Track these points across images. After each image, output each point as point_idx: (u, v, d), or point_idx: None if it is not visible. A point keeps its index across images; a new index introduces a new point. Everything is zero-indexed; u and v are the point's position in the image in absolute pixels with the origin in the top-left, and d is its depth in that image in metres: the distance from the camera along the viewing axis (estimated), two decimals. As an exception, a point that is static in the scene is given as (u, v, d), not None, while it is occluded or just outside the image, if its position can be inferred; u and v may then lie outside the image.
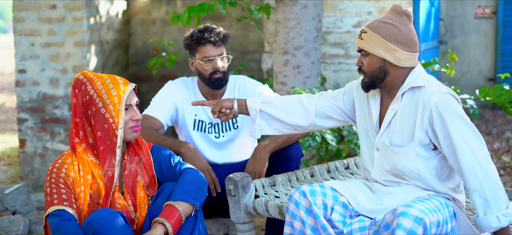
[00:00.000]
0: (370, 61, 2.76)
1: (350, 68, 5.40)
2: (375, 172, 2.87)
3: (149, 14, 7.48)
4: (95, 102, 2.76)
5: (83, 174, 2.78)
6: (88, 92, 2.78)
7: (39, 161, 5.71)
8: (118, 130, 2.76)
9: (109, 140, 2.77)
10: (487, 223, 2.58)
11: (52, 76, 5.63)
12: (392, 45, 2.71)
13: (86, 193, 2.78)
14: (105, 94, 2.77)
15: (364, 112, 2.94)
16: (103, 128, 2.76)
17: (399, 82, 2.77)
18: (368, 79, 2.79)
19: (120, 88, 2.79)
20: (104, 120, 2.76)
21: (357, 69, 2.85)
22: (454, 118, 2.64)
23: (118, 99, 2.77)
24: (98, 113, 2.76)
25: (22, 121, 5.74)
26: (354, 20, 5.37)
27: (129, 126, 2.83)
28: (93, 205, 2.80)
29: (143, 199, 2.91)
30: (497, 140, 6.92)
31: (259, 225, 4.44)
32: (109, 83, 2.79)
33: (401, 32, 2.72)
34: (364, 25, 2.81)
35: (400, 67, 2.75)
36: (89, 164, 2.80)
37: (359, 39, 2.79)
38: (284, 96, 3.13)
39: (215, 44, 3.66)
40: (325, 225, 2.70)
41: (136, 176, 2.90)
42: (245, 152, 3.83)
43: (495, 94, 4.39)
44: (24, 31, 5.63)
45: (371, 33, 2.74)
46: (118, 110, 2.76)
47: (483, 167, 2.59)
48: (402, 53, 2.72)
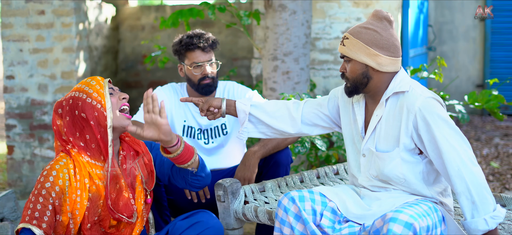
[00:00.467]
0: (352, 67, 2.77)
1: (339, 74, 5.42)
2: (362, 178, 2.87)
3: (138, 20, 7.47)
4: (80, 97, 2.76)
5: (80, 178, 2.74)
6: (71, 97, 2.78)
7: (27, 168, 5.68)
8: (106, 111, 2.75)
9: (102, 126, 2.75)
10: (475, 226, 2.58)
11: (40, 82, 5.60)
12: (373, 51, 2.72)
13: (82, 198, 2.73)
14: (86, 86, 2.79)
15: (349, 119, 2.94)
16: (94, 116, 2.74)
17: (383, 87, 2.78)
18: (351, 85, 2.79)
19: (98, 79, 2.82)
20: (92, 108, 2.75)
21: (340, 75, 2.85)
22: (438, 122, 2.64)
23: (99, 86, 2.78)
24: (84, 104, 2.75)
25: (10, 127, 5.71)
26: (343, 26, 5.38)
27: (118, 105, 2.81)
28: (93, 208, 2.76)
29: (140, 194, 2.88)
30: (486, 146, 6.94)
31: (249, 231, 4.43)
32: (86, 79, 2.84)
33: (382, 37, 2.73)
34: (346, 32, 2.82)
35: (383, 72, 2.75)
36: (85, 166, 2.76)
37: (342, 46, 2.80)
38: (273, 101, 3.13)
39: (204, 50, 3.66)
40: (315, 230, 2.69)
41: (135, 171, 2.88)
42: (235, 157, 3.83)
43: (484, 100, 4.42)
44: (13, 37, 5.60)
45: (353, 39, 2.74)
46: (102, 94, 2.76)
47: (469, 170, 2.59)
48: (384, 58, 2.73)
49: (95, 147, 2.77)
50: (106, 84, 2.81)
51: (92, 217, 2.76)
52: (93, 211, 2.77)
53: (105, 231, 2.81)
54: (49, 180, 2.70)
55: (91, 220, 2.76)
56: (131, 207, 2.82)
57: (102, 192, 2.78)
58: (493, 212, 2.58)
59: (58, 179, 2.70)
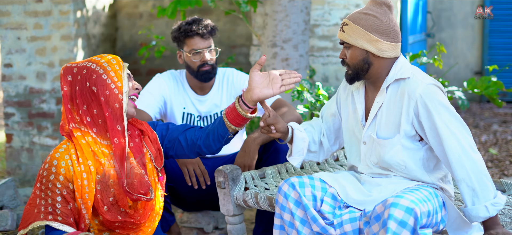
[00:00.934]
0: (353, 53, 2.76)
1: (338, 61, 5.41)
2: (362, 166, 2.87)
3: (136, 8, 7.44)
4: (95, 70, 2.70)
5: (83, 161, 2.68)
6: (85, 67, 2.71)
7: (26, 156, 5.68)
8: (122, 94, 2.71)
9: (112, 106, 2.70)
10: (476, 213, 2.59)
11: (38, 70, 5.59)
12: (374, 36, 2.71)
13: (90, 181, 2.67)
14: (105, 62, 2.72)
15: (349, 110, 2.94)
16: (105, 94, 2.69)
17: (383, 73, 2.78)
18: (351, 71, 2.79)
19: (118, 59, 2.77)
20: (105, 86, 2.69)
21: (340, 61, 2.85)
22: (439, 108, 2.64)
23: (119, 67, 2.73)
24: (99, 78, 2.69)
25: (8, 116, 5.69)
26: (342, 12, 5.37)
27: (130, 93, 2.78)
28: (105, 190, 2.70)
29: (151, 172, 2.85)
30: (485, 133, 6.95)
31: (249, 218, 4.44)
32: (107, 55, 2.76)
33: (382, 22, 2.73)
34: (345, 18, 2.81)
35: (384, 58, 2.75)
36: (87, 149, 2.70)
37: (341, 32, 2.79)
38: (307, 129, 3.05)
39: (203, 37, 3.65)
40: (315, 216, 2.69)
41: (142, 148, 2.84)
42: (234, 144, 3.82)
43: (483, 86, 4.41)
44: (10, 25, 5.58)
45: (353, 25, 2.73)
46: (120, 76, 2.72)
47: (470, 157, 2.59)
48: (385, 44, 2.72)
49: (101, 123, 2.72)
50: (125, 68, 2.76)
51: (107, 199, 2.70)
52: (106, 193, 2.71)
53: (125, 211, 2.75)
54: (52, 171, 2.66)
55: (106, 202, 2.70)
56: (147, 183, 2.77)
57: (111, 171, 2.71)
58: (493, 199, 2.58)
59: (60, 168, 2.66)
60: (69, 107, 2.73)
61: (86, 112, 2.71)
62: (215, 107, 3.77)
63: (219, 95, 3.78)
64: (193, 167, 3.49)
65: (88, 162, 2.69)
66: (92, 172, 2.69)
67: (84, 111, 2.71)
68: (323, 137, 3.05)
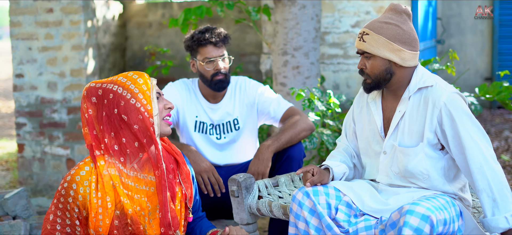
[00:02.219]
0: (374, 64, 2.73)
1: (349, 68, 5.40)
2: (381, 176, 2.85)
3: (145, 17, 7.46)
4: (122, 96, 2.53)
5: (101, 195, 2.54)
6: (111, 90, 2.55)
7: (38, 166, 5.69)
8: (153, 117, 2.55)
9: (144, 130, 2.54)
10: (496, 224, 2.57)
11: (49, 80, 5.61)
12: (397, 46, 2.69)
13: (105, 216, 2.54)
14: (132, 84, 2.56)
15: (364, 122, 2.91)
16: (138, 119, 2.53)
17: (405, 82, 2.76)
18: (372, 81, 2.76)
19: (146, 77, 2.60)
20: (137, 111, 2.53)
21: (359, 71, 2.82)
22: (463, 117, 2.63)
23: (146, 87, 2.57)
24: (128, 105, 2.53)
25: (20, 126, 5.71)
26: (352, 20, 5.37)
27: (163, 114, 2.63)
28: (121, 227, 2.57)
29: (178, 212, 2.70)
30: (496, 139, 6.92)
31: (261, 227, 4.43)
32: (132, 74, 2.60)
33: (404, 31, 2.71)
34: (364, 27, 2.77)
35: (405, 67, 2.73)
36: (109, 182, 2.55)
37: (361, 42, 2.74)
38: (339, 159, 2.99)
39: (216, 45, 3.65)
40: (330, 224, 2.68)
41: (175, 187, 2.69)
42: (247, 153, 3.82)
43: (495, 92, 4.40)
44: (21, 36, 5.60)
45: (375, 35, 2.70)
46: (149, 97, 2.55)
47: (491, 168, 2.59)
48: (407, 53, 2.71)
49: (130, 153, 2.58)
50: (154, 87, 2.60)
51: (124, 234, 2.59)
52: (123, 230, 2.58)
53: None
54: (70, 194, 2.54)
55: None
56: (178, 222, 2.65)
57: (129, 210, 2.56)
58: None
59: (78, 194, 2.54)
60: (95, 134, 2.58)
61: (113, 140, 2.57)
62: (228, 115, 3.77)
63: (231, 104, 3.78)
64: (207, 175, 3.49)
65: (107, 197, 2.55)
66: (108, 208, 2.55)
67: (111, 138, 2.57)
68: (354, 158, 3.02)
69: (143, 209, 2.62)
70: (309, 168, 2.80)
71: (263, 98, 3.77)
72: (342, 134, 3.10)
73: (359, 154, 3.01)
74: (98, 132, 2.58)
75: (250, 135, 3.82)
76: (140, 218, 2.61)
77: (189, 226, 2.90)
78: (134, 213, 2.58)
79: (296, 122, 3.61)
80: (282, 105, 3.75)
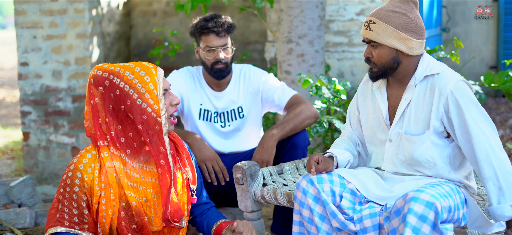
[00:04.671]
0: (381, 52, 2.72)
1: (353, 56, 5.39)
2: (386, 164, 2.84)
3: (150, 5, 7.45)
4: (129, 94, 2.54)
5: (105, 187, 2.56)
6: (118, 86, 2.56)
7: (43, 154, 5.70)
8: (161, 117, 2.56)
9: (151, 130, 2.56)
10: (501, 212, 2.57)
11: (54, 68, 5.61)
12: (405, 35, 2.67)
13: (108, 207, 2.56)
14: (139, 83, 2.56)
15: (368, 110, 2.91)
16: (142, 120, 2.55)
17: (411, 70, 2.75)
18: (379, 69, 2.74)
19: (152, 73, 2.59)
20: (142, 111, 2.54)
21: (365, 59, 2.80)
22: (470, 105, 2.62)
23: (154, 86, 2.57)
24: (134, 105, 2.54)
25: (25, 114, 5.72)
26: (357, 8, 5.35)
27: (169, 111, 2.65)
28: (128, 218, 2.60)
29: (181, 197, 2.73)
30: (501, 128, 6.91)
31: (266, 214, 4.43)
32: (139, 71, 2.58)
33: (411, 20, 2.69)
34: (370, 15, 2.75)
35: (412, 56, 2.72)
36: (112, 175, 2.57)
37: (368, 30, 2.72)
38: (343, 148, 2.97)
39: (219, 35, 3.63)
40: (335, 211, 2.68)
41: (175, 171, 2.71)
42: (251, 141, 3.82)
43: (501, 81, 4.38)
44: (26, 24, 5.61)
45: (382, 24, 2.68)
46: (156, 97, 2.56)
47: (497, 156, 2.58)
48: (415, 42, 2.69)
49: (136, 146, 2.60)
50: (160, 84, 2.59)
51: (130, 226, 2.62)
52: (129, 221, 2.62)
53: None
54: (75, 182, 2.56)
55: (130, 229, 2.62)
56: (181, 211, 2.67)
57: (133, 203, 2.58)
58: None
59: (84, 181, 2.57)
60: (99, 123, 2.59)
61: (120, 132, 2.59)
62: (232, 103, 3.77)
63: (236, 92, 3.77)
64: (211, 164, 3.49)
65: (110, 189, 2.57)
66: (111, 200, 2.57)
67: (118, 131, 2.59)
68: (359, 146, 3.02)
69: (149, 200, 2.64)
70: (315, 157, 2.79)
71: (268, 86, 3.76)
72: (346, 122, 3.10)
73: (363, 141, 3.01)
74: (103, 122, 2.59)
75: (254, 122, 3.82)
76: (146, 209, 2.63)
77: (195, 218, 2.92)
78: (138, 205, 2.60)
79: (301, 109, 3.60)
80: (286, 93, 3.74)
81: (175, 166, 2.73)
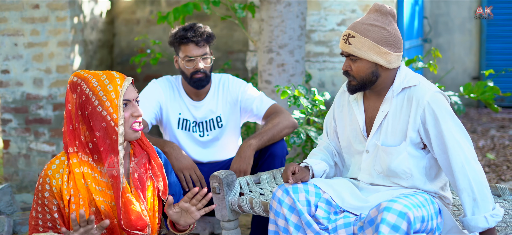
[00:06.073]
0: (360, 66, 2.71)
1: (334, 66, 5.41)
2: (363, 174, 2.85)
3: (133, 14, 7.45)
4: (91, 101, 2.58)
5: (74, 192, 2.60)
6: (84, 92, 2.60)
7: (23, 162, 5.67)
8: (118, 126, 2.58)
9: (108, 138, 2.59)
10: (475, 223, 2.59)
11: (35, 76, 5.59)
12: (384, 49, 2.68)
13: (77, 212, 2.58)
14: (101, 90, 2.59)
15: (345, 122, 2.91)
16: (101, 127, 2.58)
17: (389, 83, 2.76)
18: (357, 82, 2.74)
19: (117, 83, 2.61)
20: (101, 118, 2.58)
21: (343, 72, 2.79)
22: (446, 117, 2.64)
23: (115, 95, 2.59)
24: (94, 112, 2.58)
25: (5, 122, 5.70)
26: (338, 18, 5.38)
27: (129, 122, 2.65)
28: (97, 222, 2.63)
29: (152, 206, 2.76)
30: (482, 138, 6.95)
31: (245, 224, 4.44)
32: (104, 79, 2.62)
33: (390, 34, 2.69)
34: (348, 28, 2.73)
35: (390, 69, 2.74)
36: (80, 180, 2.61)
37: (347, 44, 2.71)
38: (319, 159, 2.97)
39: (198, 44, 3.64)
40: (309, 221, 2.69)
41: (146, 181, 2.74)
42: (230, 150, 3.83)
43: (479, 91, 4.42)
44: (7, 31, 5.59)
45: (361, 38, 2.68)
46: (116, 106, 2.58)
47: (472, 167, 2.60)
48: (394, 55, 2.70)
49: (103, 151, 2.62)
50: (121, 95, 2.61)
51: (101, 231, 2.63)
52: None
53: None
54: (46, 188, 2.62)
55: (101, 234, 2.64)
56: (144, 221, 2.69)
57: (101, 206, 2.63)
58: (492, 210, 2.60)
59: (52, 187, 2.62)
60: (71, 129, 2.64)
61: (87, 138, 2.63)
62: (211, 113, 3.77)
63: (214, 101, 3.78)
64: (189, 173, 3.49)
65: (79, 194, 2.61)
66: (80, 205, 2.60)
67: (86, 136, 2.63)
68: (335, 157, 3.02)
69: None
70: (291, 167, 2.80)
71: (246, 96, 3.77)
72: (323, 132, 3.11)
73: (340, 152, 3.02)
74: (74, 128, 2.64)
75: (233, 132, 3.82)
76: (114, 212, 2.67)
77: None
78: (107, 208, 2.64)
79: (279, 119, 3.61)
80: (264, 103, 3.75)
81: (146, 174, 2.76)
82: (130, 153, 2.76)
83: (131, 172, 2.72)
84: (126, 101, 2.65)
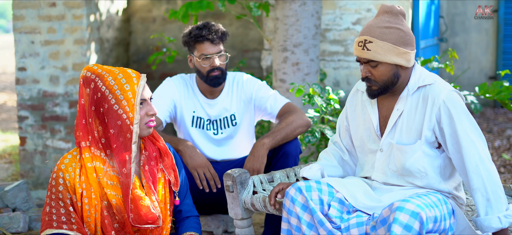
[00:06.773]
0: (382, 70, 2.71)
1: (349, 65, 5.40)
2: (377, 174, 2.85)
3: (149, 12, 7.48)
4: (108, 99, 2.61)
5: (86, 186, 2.65)
6: (100, 89, 2.62)
7: (39, 159, 5.72)
8: (133, 125, 2.61)
9: (122, 136, 2.62)
10: (489, 223, 2.58)
11: (52, 74, 5.64)
12: (402, 49, 2.68)
13: (90, 205, 2.64)
14: (118, 89, 2.62)
15: (358, 121, 2.92)
16: (116, 125, 2.61)
17: (406, 82, 2.77)
18: (379, 87, 2.74)
19: (133, 82, 2.65)
20: (117, 117, 2.61)
21: (362, 79, 2.78)
22: (461, 116, 2.64)
23: (132, 94, 2.62)
24: (111, 110, 2.61)
25: (22, 119, 5.75)
26: (353, 17, 5.37)
27: (144, 121, 2.69)
28: (110, 216, 2.67)
29: (163, 198, 2.79)
30: (498, 138, 6.91)
31: (258, 222, 4.44)
32: (121, 77, 2.64)
33: (405, 33, 2.70)
34: (363, 34, 2.71)
35: (408, 68, 2.75)
36: (92, 175, 2.65)
37: (365, 50, 2.70)
38: (328, 161, 3.04)
39: (213, 42, 3.66)
40: (322, 219, 2.69)
41: (156, 173, 2.78)
42: (244, 148, 3.84)
43: (495, 91, 4.39)
44: (24, 29, 5.64)
45: (379, 42, 2.67)
46: (132, 106, 2.62)
47: (486, 167, 2.60)
48: (411, 54, 2.71)
49: (116, 147, 2.65)
50: (138, 94, 2.65)
51: (112, 225, 2.69)
52: (112, 219, 2.69)
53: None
54: (59, 182, 2.66)
55: (113, 227, 2.69)
56: (153, 214, 2.71)
57: (113, 200, 2.67)
58: (505, 211, 2.59)
59: (66, 180, 2.66)
60: (84, 123, 2.67)
61: (100, 133, 2.66)
62: (225, 111, 3.78)
63: (229, 99, 3.79)
64: (203, 171, 3.51)
65: (91, 188, 2.65)
66: (92, 199, 2.65)
67: (100, 131, 2.66)
68: (344, 154, 3.03)
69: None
70: (276, 188, 2.91)
71: (260, 94, 3.78)
72: (336, 132, 3.11)
73: (351, 151, 3.02)
74: (87, 122, 2.67)
75: (247, 130, 3.83)
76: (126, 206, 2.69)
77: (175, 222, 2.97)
78: (118, 202, 2.68)
79: (292, 118, 3.62)
80: (278, 102, 3.76)
81: (157, 166, 2.80)
82: (141, 147, 2.79)
83: (142, 164, 2.76)
84: (142, 100, 2.69)
